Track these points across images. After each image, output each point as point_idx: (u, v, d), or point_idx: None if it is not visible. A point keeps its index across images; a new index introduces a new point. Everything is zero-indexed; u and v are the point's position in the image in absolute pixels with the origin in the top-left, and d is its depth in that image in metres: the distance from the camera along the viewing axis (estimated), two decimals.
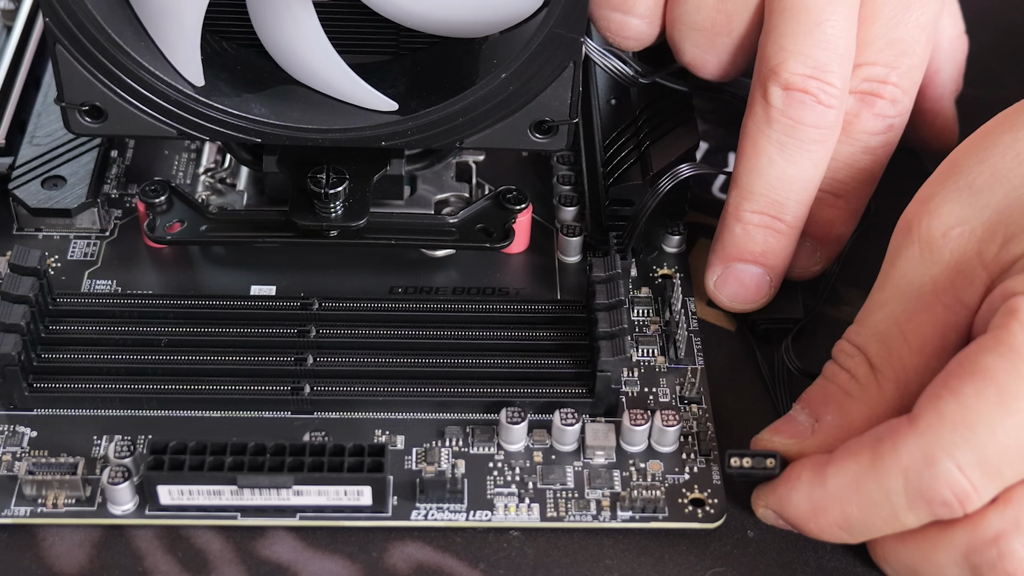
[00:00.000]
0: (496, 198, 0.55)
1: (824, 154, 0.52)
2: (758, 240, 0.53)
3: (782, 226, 0.53)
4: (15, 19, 0.61)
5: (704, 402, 0.52)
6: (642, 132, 0.56)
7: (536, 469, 0.49)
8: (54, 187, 0.56)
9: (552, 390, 0.51)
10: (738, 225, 0.53)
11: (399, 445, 0.50)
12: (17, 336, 0.49)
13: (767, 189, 0.52)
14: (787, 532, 0.48)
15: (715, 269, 0.54)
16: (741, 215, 0.53)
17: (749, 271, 0.53)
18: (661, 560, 0.48)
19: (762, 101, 0.51)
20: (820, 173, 0.52)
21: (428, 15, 0.50)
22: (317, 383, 0.50)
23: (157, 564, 0.47)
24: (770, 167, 0.52)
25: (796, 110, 0.51)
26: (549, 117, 0.51)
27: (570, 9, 0.48)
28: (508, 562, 0.48)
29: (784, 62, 0.51)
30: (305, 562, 0.47)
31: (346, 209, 0.53)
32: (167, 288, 0.55)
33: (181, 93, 0.50)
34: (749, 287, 0.54)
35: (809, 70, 0.50)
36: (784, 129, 0.51)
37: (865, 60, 0.52)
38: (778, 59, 0.51)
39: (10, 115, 0.58)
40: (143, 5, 0.50)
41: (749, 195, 0.52)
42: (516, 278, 0.56)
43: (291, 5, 0.50)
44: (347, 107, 0.52)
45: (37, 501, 0.48)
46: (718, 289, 0.54)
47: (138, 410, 0.50)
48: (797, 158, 0.51)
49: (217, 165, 0.58)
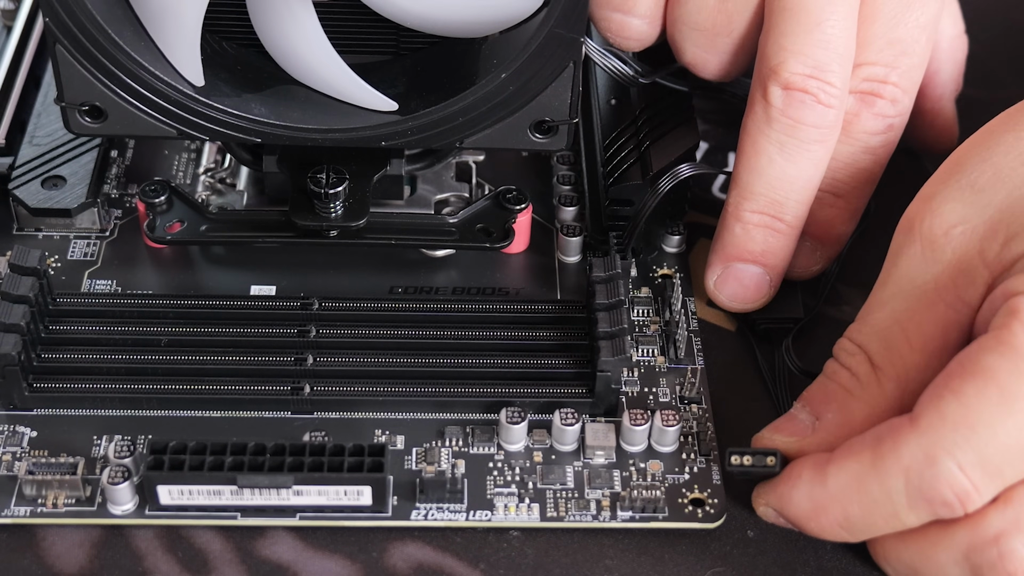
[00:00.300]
0: (496, 198, 0.55)
1: (824, 154, 0.52)
2: (758, 240, 0.53)
3: (782, 226, 0.53)
4: (15, 19, 0.61)
5: (704, 402, 0.52)
6: (642, 132, 0.56)
7: (536, 469, 0.49)
8: (54, 187, 0.56)
9: (552, 390, 0.51)
10: (738, 225, 0.53)
11: (399, 445, 0.50)
12: (17, 336, 0.49)
13: (767, 189, 0.52)
14: (787, 532, 0.48)
15: (715, 269, 0.54)
16: (741, 215, 0.53)
17: (749, 271, 0.53)
18: (661, 560, 0.48)
19: (762, 101, 0.51)
20: (820, 173, 0.52)
21: (428, 15, 0.50)
22: (317, 383, 0.50)
23: (157, 564, 0.47)
24: (770, 167, 0.52)
25: (796, 110, 0.51)
26: (549, 117, 0.51)
27: (570, 9, 0.48)
28: (508, 562, 0.47)
29: (784, 62, 0.51)
30: (305, 562, 0.47)
31: (346, 209, 0.53)
32: (167, 288, 0.55)
33: (181, 93, 0.50)
34: (749, 287, 0.54)
35: (809, 70, 0.50)
36: (784, 129, 0.51)
37: (865, 60, 0.52)
38: (778, 59, 0.51)
39: (10, 115, 0.58)
40: (143, 5, 0.50)
41: (749, 195, 0.52)
42: (516, 278, 0.55)
43: (291, 5, 0.50)
44: (347, 107, 0.52)
45: (37, 501, 0.48)
46: (718, 289, 0.54)
47: (138, 410, 0.50)
48: (797, 158, 0.51)
49: (217, 165, 0.58)
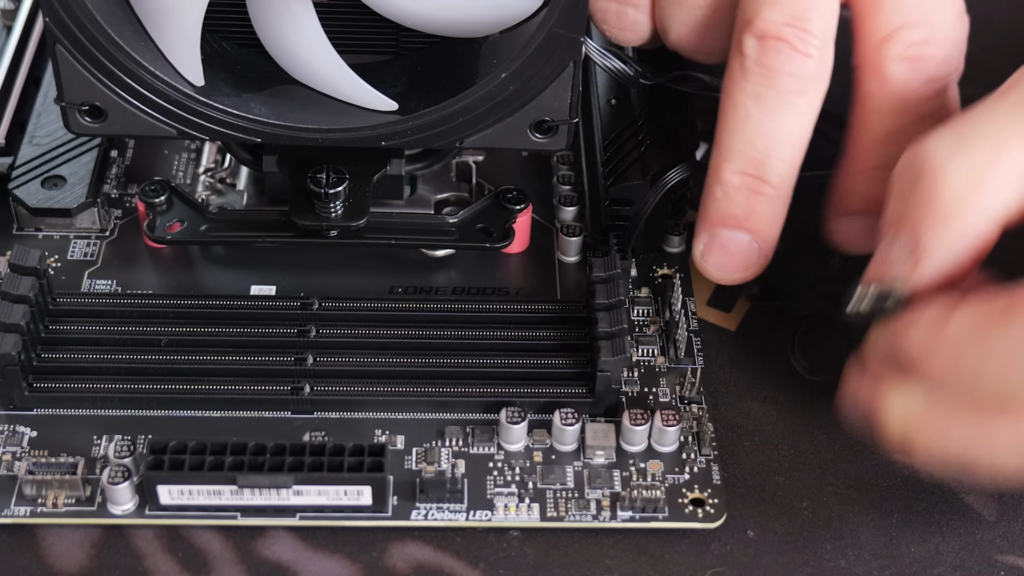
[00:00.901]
0: (496, 198, 0.55)
1: (806, 108, 0.49)
2: (739, 203, 0.50)
3: (766, 187, 0.50)
4: (15, 19, 0.61)
5: (704, 402, 0.52)
6: (642, 132, 0.56)
7: (536, 469, 0.49)
8: (54, 187, 0.56)
9: (552, 390, 0.51)
10: (718, 187, 0.50)
11: (399, 445, 0.50)
12: (17, 336, 0.49)
13: (745, 145, 0.49)
14: (787, 532, 0.48)
15: (700, 238, 0.51)
16: (721, 176, 0.50)
17: (734, 237, 0.51)
18: (661, 560, 0.48)
19: (737, 55, 0.49)
20: (805, 129, 0.50)
21: (428, 15, 0.50)
22: (317, 383, 0.50)
23: (157, 564, 0.47)
24: (747, 121, 0.49)
25: (771, 58, 0.48)
26: (549, 117, 0.51)
27: (570, 9, 0.48)
28: (508, 562, 0.48)
29: (759, 12, 0.48)
30: (305, 562, 0.47)
31: (346, 209, 0.53)
32: (167, 288, 0.55)
33: (181, 93, 0.50)
34: (735, 255, 0.51)
35: (786, 18, 0.48)
36: (759, 80, 0.49)
37: (902, 23, 0.49)
38: (753, 9, 0.49)
39: (10, 115, 0.58)
40: (143, 5, 0.50)
41: (728, 154, 0.50)
42: (516, 278, 0.56)
43: (291, 5, 0.50)
44: (347, 107, 0.52)
45: (37, 501, 0.48)
46: (704, 259, 0.52)
47: (138, 410, 0.50)
48: (775, 111, 0.49)
49: (217, 165, 0.58)
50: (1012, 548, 0.48)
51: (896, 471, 0.50)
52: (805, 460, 0.51)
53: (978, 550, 0.48)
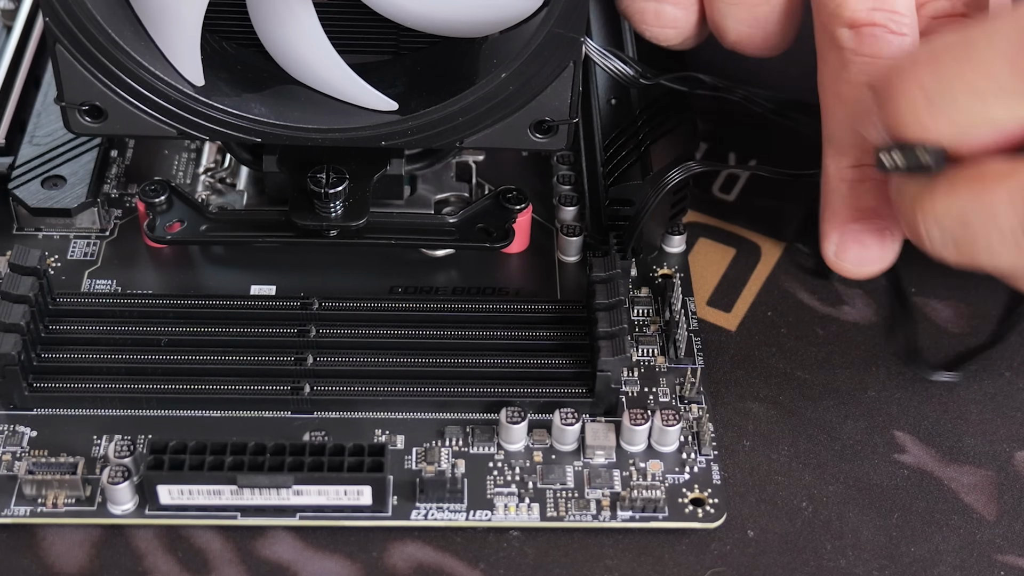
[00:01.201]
0: (496, 198, 0.55)
1: None
2: (863, 195, 0.48)
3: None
4: (15, 19, 0.61)
5: (704, 402, 0.52)
6: (642, 132, 0.56)
7: (536, 469, 0.49)
8: (54, 187, 0.56)
9: (552, 390, 0.51)
10: (840, 184, 0.49)
11: (399, 445, 0.50)
12: (17, 336, 0.49)
13: (859, 138, 0.48)
14: (787, 532, 0.48)
15: (830, 239, 0.49)
16: (841, 173, 0.49)
17: (866, 230, 0.49)
18: (661, 560, 0.48)
19: (832, 47, 0.48)
20: None
21: (428, 15, 0.50)
22: (317, 383, 0.50)
23: (157, 564, 0.47)
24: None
25: (870, 45, 0.47)
26: (549, 117, 0.51)
27: (570, 9, 0.48)
28: (508, 562, 0.48)
29: (843, 2, 0.48)
30: (305, 562, 0.47)
31: (346, 209, 0.53)
32: (167, 288, 0.55)
33: (181, 93, 0.50)
34: (871, 246, 0.49)
35: (871, 3, 0.47)
36: (863, 68, 0.48)
37: None
38: (835, 1, 0.48)
39: (10, 115, 0.58)
40: (143, 5, 0.50)
41: (844, 148, 0.48)
42: (516, 278, 0.56)
43: (291, 5, 0.50)
44: (347, 107, 0.52)
45: (37, 501, 0.48)
46: (839, 258, 0.49)
47: (138, 410, 0.50)
48: None
49: (217, 165, 0.58)
50: (1012, 548, 0.48)
51: (896, 471, 0.50)
52: (805, 460, 0.51)
53: (978, 550, 0.48)
